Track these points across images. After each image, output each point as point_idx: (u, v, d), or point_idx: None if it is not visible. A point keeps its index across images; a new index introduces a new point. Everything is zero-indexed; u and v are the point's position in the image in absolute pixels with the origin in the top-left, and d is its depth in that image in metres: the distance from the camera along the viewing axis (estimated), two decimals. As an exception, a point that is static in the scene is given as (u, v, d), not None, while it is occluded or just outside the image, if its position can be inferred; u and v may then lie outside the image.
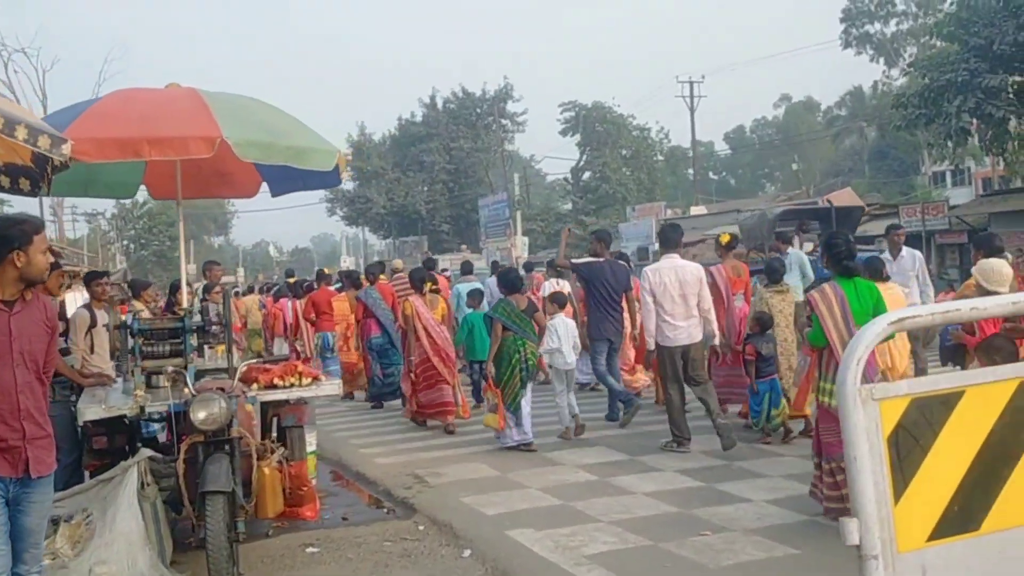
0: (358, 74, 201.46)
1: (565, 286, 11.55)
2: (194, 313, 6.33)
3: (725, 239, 9.73)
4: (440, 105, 61.96)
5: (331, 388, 6.28)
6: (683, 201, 57.33)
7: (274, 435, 6.75)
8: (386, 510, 7.01)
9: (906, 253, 10.40)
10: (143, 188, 7.84)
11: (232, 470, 4.92)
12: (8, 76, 41.58)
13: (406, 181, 59.80)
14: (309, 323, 13.24)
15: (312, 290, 14.02)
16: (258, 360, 6.67)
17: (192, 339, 6.23)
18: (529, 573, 5.22)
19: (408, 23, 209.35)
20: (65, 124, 5.56)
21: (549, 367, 9.15)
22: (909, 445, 2.25)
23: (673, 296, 8.01)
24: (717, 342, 8.46)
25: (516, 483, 7.26)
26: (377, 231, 66.89)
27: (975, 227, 23.70)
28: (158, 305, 10.57)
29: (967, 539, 2.29)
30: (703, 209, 43.03)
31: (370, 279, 12.40)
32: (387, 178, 60.16)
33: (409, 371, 9.99)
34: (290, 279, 17.73)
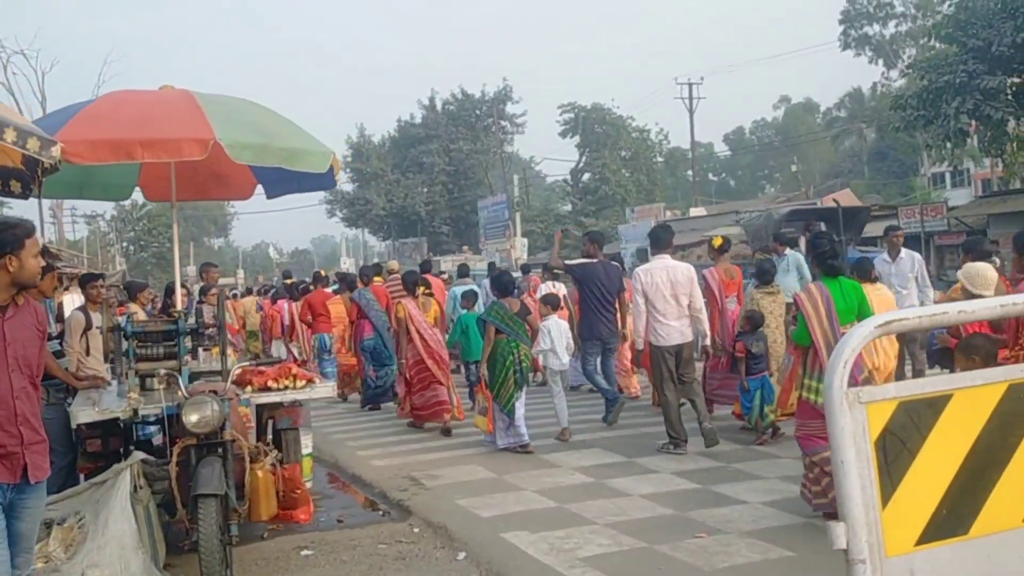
0: (357, 76, 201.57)
1: (561, 288, 11.56)
2: (189, 315, 6.33)
3: (717, 242, 9.75)
4: (439, 107, 61.97)
5: (325, 391, 6.27)
6: (683, 202, 57.34)
7: (269, 437, 6.76)
8: (381, 512, 6.98)
9: (905, 255, 10.38)
10: (138, 190, 7.85)
11: (225, 473, 4.91)
12: (7, 78, 41.61)
13: (405, 183, 59.78)
14: (306, 325, 13.24)
15: (308, 292, 14.03)
16: (253, 362, 6.67)
17: (186, 341, 6.23)
18: (524, 575, 5.22)
19: (407, 25, 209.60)
20: (59, 126, 5.56)
21: (544, 368, 9.18)
22: (897, 449, 2.22)
23: (665, 296, 8.12)
24: (708, 341, 8.53)
25: (512, 485, 7.25)
26: (377, 233, 66.88)
27: (974, 228, 23.70)
28: (155, 307, 10.54)
29: (955, 543, 2.27)
30: (702, 210, 43.04)
31: (364, 280, 12.47)
32: (386, 180, 60.15)
33: (402, 372, 10.03)
34: (287, 280, 17.73)
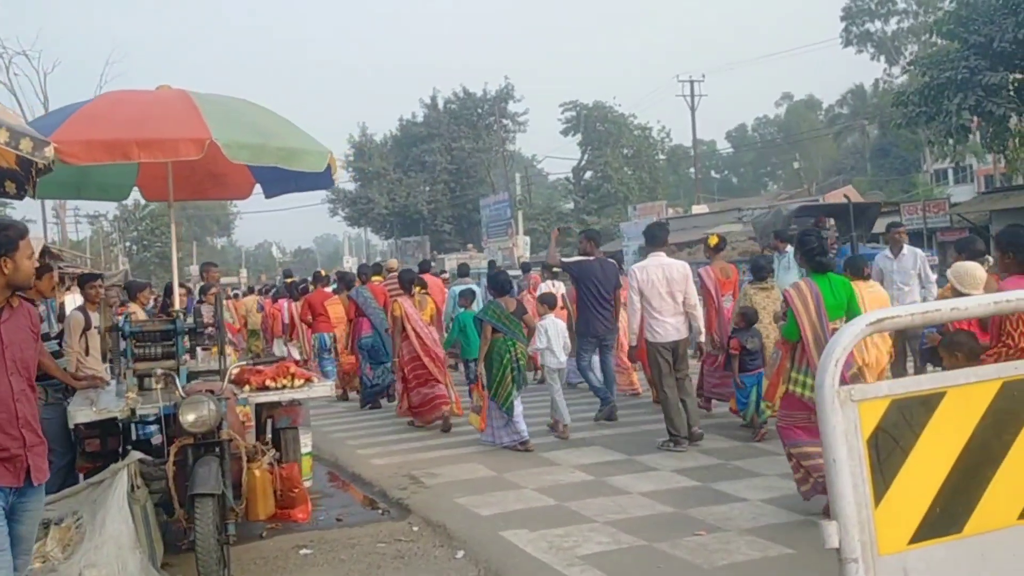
0: (359, 75, 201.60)
1: (560, 287, 11.56)
2: (188, 315, 6.32)
3: (713, 241, 9.75)
4: (441, 105, 61.89)
5: (323, 390, 6.26)
6: (685, 200, 57.31)
7: (269, 436, 6.76)
8: (381, 511, 6.97)
9: (907, 251, 10.34)
10: (136, 190, 7.84)
11: (222, 472, 4.89)
12: (9, 79, 41.59)
13: (408, 181, 59.75)
14: (306, 325, 13.24)
15: (307, 292, 14.04)
16: (252, 360, 6.66)
17: (184, 341, 6.23)
18: (522, 574, 5.20)
19: (409, 24, 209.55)
20: (55, 126, 5.56)
21: (542, 366, 9.23)
22: (889, 447, 2.21)
23: (660, 293, 8.17)
24: (703, 339, 8.55)
25: (512, 483, 7.24)
26: (379, 231, 66.85)
27: (976, 225, 23.67)
28: (155, 306, 10.55)
29: (949, 542, 2.26)
30: (705, 208, 43.01)
31: (362, 279, 12.51)
32: (389, 178, 60.11)
33: (400, 369, 10.08)
34: (288, 279, 17.74)
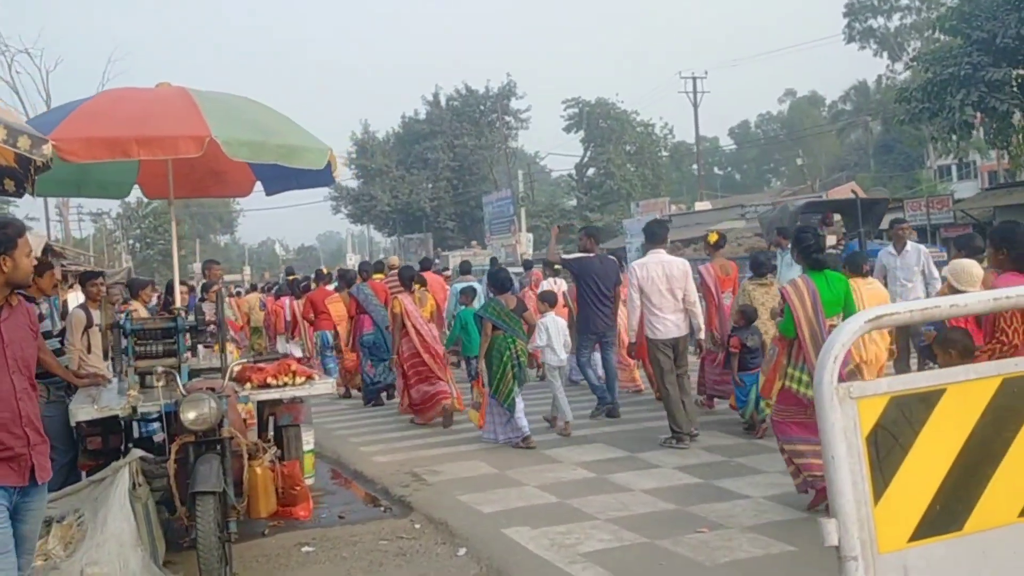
0: (361, 73, 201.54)
1: (562, 284, 11.56)
2: (189, 313, 6.32)
3: (713, 238, 9.75)
4: (444, 102, 61.88)
5: (325, 387, 6.25)
6: (688, 196, 57.31)
7: (271, 434, 6.76)
8: (383, 508, 6.97)
9: (911, 248, 10.31)
10: (137, 188, 7.84)
11: (223, 470, 4.89)
12: (11, 77, 41.63)
13: (410, 179, 59.75)
14: (308, 323, 13.26)
15: (309, 289, 14.07)
16: (253, 357, 6.65)
17: (186, 339, 6.22)
18: (523, 571, 5.19)
19: (411, 21, 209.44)
20: (55, 124, 5.54)
21: (543, 363, 9.26)
22: (889, 444, 2.19)
23: (660, 290, 8.20)
24: (703, 336, 8.56)
25: (514, 481, 7.23)
26: (382, 229, 66.87)
27: (980, 221, 23.59)
28: (158, 304, 10.56)
29: (950, 539, 2.24)
30: (708, 204, 43.05)
31: (363, 276, 12.53)
32: (391, 176, 60.11)
33: (399, 366, 10.12)
34: (290, 277, 17.78)
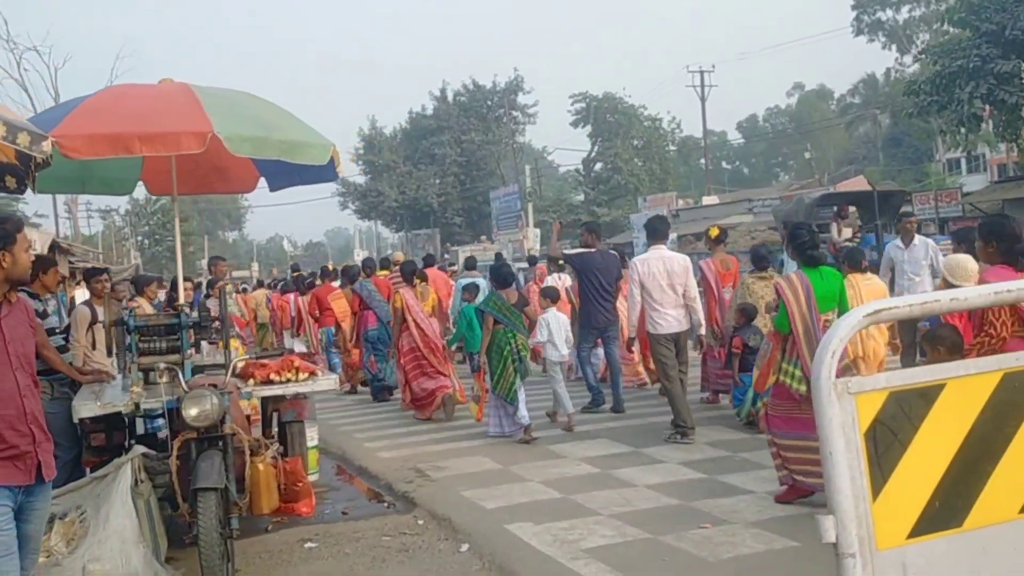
0: (369, 68, 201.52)
1: (566, 279, 11.54)
2: (194, 309, 6.32)
3: (714, 232, 9.73)
4: (451, 98, 61.82)
5: (328, 383, 6.23)
6: (695, 191, 57.17)
7: (275, 430, 6.76)
8: (386, 504, 6.97)
9: (918, 241, 10.27)
10: (141, 184, 7.84)
11: (225, 466, 4.88)
12: (20, 74, 41.73)
13: (417, 174, 59.74)
14: (313, 319, 13.30)
15: (314, 286, 14.13)
16: (259, 353, 6.66)
17: (189, 335, 6.22)
18: (526, 567, 5.18)
19: (418, 16, 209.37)
20: (57, 120, 5.54)
21: (544, 358, 9.31)
22: (888, 440, 2.18)
23: (662, 285, 8.22)
24: (703, 332, 8.55)
25: (517, 476, 7.22)
26: (390, 224, 66.89)
27: (989, 214, 23.45)
28: (161, 300, 10.58)
29: (949, 536, 2.22)
30: (715, 199, 42.95)
31: (366, 272, 12.62)
32: (398, 171, 60.11)
33: (399, 361, 10.15)
34: (295, 273, 17.86)
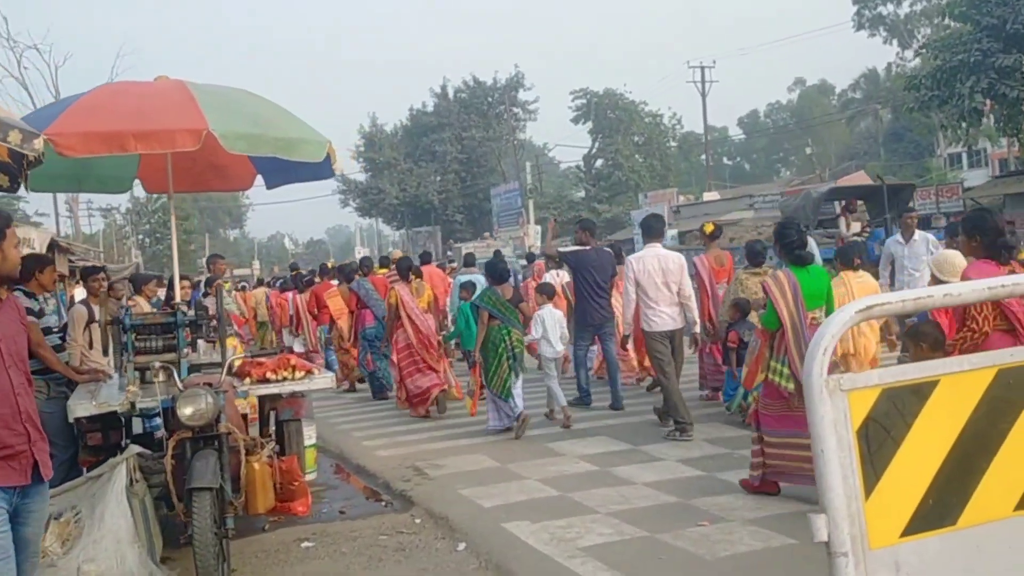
0: (369, 65, 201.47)
1: (564, 276, 11.53)
2: (191, 307, 6.30)
3: (709, 228, 9.73)
4: (451, 95, 61.82)
5: (324, 382, 6.22)
6: (696, 187, 57.04)
7: (272, 429, 6.75)
8: (384, 503, 6.95)
9: (919, 236, 10.27)
10: (137, 182, 7.83)
11: (220, 466, 4.86)
12: (21, 72, 41.63)
13: (418, 171, 59.74)
14: (311, 317, 13.30)
15: (313, 284, 14.13)
16: (256, 351, 6.64)
17: (186, 334, 6.20)
18: (523, 566, 5.16)
19: (419, 13, 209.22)
20: (52, 118, 5.53)
21: (539, 354, 9.32)
22: (880, 437, 2.14)
23: (657, 283, 8.22)
24: (698, 329, 8.55)
25: (516, 474, 7.20)
26: (390, 222, 66.88)
27: (990, 208, 23.42)
28: (161, 299, 10.56)
29: (943, 534, 2.19)
30: (716, 195, 42.89)
31: (363, 270, 12.65)
32: (399, 168, 60.12)
33: (388, 356, 10.22)
34: (294, 272, 17.90)
